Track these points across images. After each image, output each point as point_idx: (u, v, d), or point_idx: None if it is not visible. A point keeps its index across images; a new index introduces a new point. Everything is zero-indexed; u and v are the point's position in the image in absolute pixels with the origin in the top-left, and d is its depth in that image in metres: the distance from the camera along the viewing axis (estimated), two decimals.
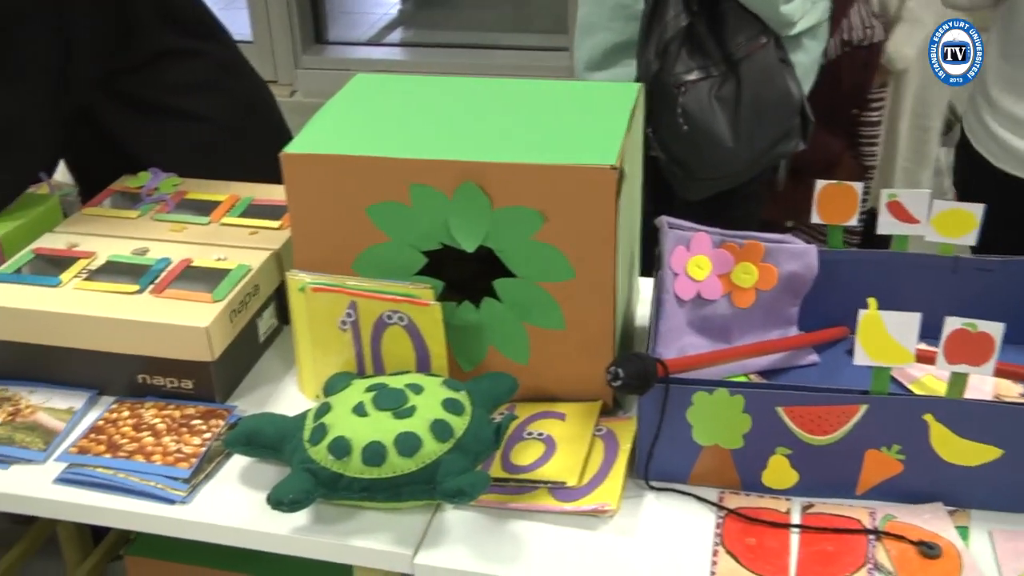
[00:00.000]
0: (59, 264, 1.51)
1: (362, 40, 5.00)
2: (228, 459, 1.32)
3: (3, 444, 1.35)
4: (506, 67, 4.30)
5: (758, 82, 1.97)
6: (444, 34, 4.93)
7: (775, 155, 2.07)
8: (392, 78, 1.56)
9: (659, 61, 1.98)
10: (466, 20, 5.12)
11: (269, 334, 1.52)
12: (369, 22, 5.25)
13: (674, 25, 1.97)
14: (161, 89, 1.78)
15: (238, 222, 1.60)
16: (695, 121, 1.96)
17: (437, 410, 1.21)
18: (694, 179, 2.07)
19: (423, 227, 1.30)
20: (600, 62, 2.12)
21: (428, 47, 4.85)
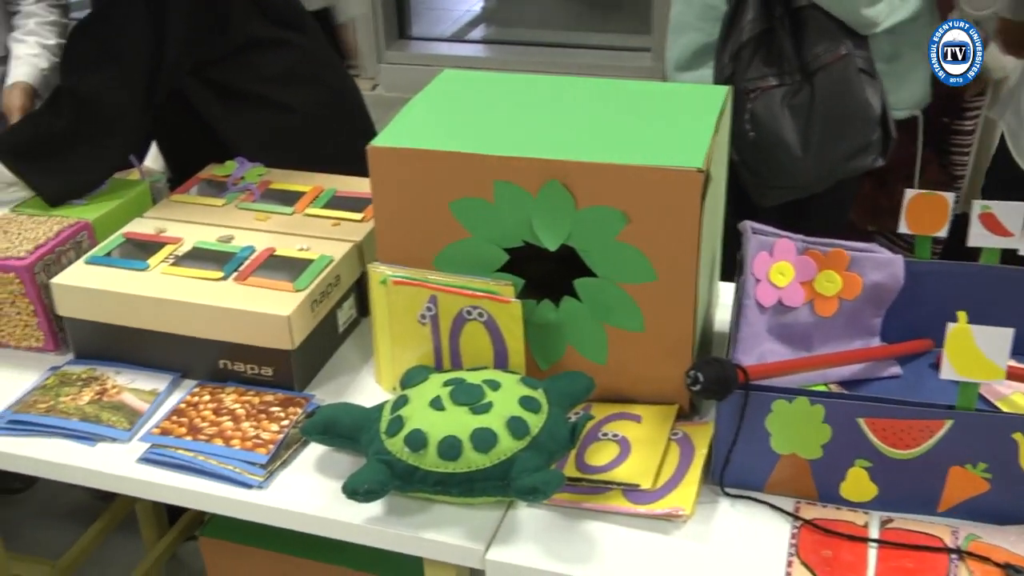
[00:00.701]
0: (147, 249, 1.54)
1: (445, 36, 5.03)
2: (305, 447, 1.33)
3: (90, 422, 1.38)
4: (587, 66, 4.29)
5: (833, 93, 1.92)
6: (526, 31, 4.93)
7: (850, 169, 2.02)
8: (478, 74, 1.56)
9: (732, 65, 1.96)
10: (548, 18, 5.11)
11: (348, 325, 1.54)
12: (452, 18, 5.27)
13: (750, 29, 1.94)
14: (251, 78, 1.81)
15: (321, 213, 1.62)
16: (763, 128, 1.93)
17: (514, 407, 1.21)
18: (765, 185, 2.04)
19: (506, 224, 1.30)
20: (688, 62, 2.10)
21: (509, 44, 4.86)
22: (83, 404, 1.41)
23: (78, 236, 1.58)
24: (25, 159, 1.66)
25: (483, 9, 5.44)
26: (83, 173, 1.69)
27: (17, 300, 1.50)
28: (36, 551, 2.15)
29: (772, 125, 1.92)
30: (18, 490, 2.42)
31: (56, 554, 2.09)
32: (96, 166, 1.70)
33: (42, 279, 1.49)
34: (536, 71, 1.66)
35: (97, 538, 2.07)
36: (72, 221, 1.59)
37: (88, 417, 1.39)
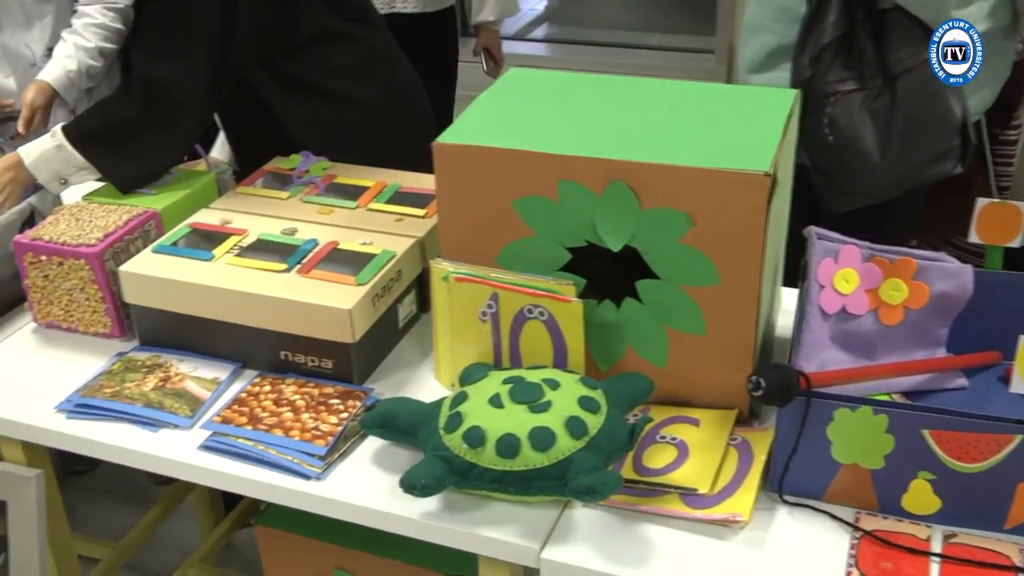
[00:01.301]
0: (213, 239, 1.56)
1: (507, 34, 5.03)
2: (363, 440, 1.34)
3: (154, 408, 1.40)
4: (650, 67, 4.27)
5: (915, 99, 1.89)
6: (589, 31, 4.92)
7: (927, 176, 1.98)
8: (544, 73, 1.56)
9: (812, 68, 1.93)
10: (612, 18, 5.10)
11: (408, 320, 1.55)
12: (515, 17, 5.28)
13: (832, 32, 1.91)
14: (318, 71, 1.83)
15: (384, 208, 1.63)
16: (841, 132, 1.90)
17: (573, 407, 1.21)
18: (837, 191, 2.01)
19: (569, 223, 1.30)
20: (761, 64, 2.08)
21: (572, 44, 4.85)
22: (147, 390, 1.44)
23: (146, 225, 1.60)
24: (95, 145, 1.69)
25: (546, 8, 5.43)
26: (151, 160, 1.72)
27: (87, 286, 1.53)
28: (95, 531, 2.18)
29: (850, 130, 1.90)
30: (81, 472, 2.47)
31: (114, 535, 2.13)
32: (164, 154, 1.73)
33: (111, 266, 1.52)
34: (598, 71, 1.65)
35: (155, 522, 2.10)
36: (141, 210, 1.62)
37: (152, 403, 1.41)
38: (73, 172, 1.71)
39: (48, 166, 1.70)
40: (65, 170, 1.70)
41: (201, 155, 1.81)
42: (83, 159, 1.68)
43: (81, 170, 1.71)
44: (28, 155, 1.71)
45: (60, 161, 1.69)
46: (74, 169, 1.70)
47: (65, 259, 1.52)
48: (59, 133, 1.69)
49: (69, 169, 1.70)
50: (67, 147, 1.68)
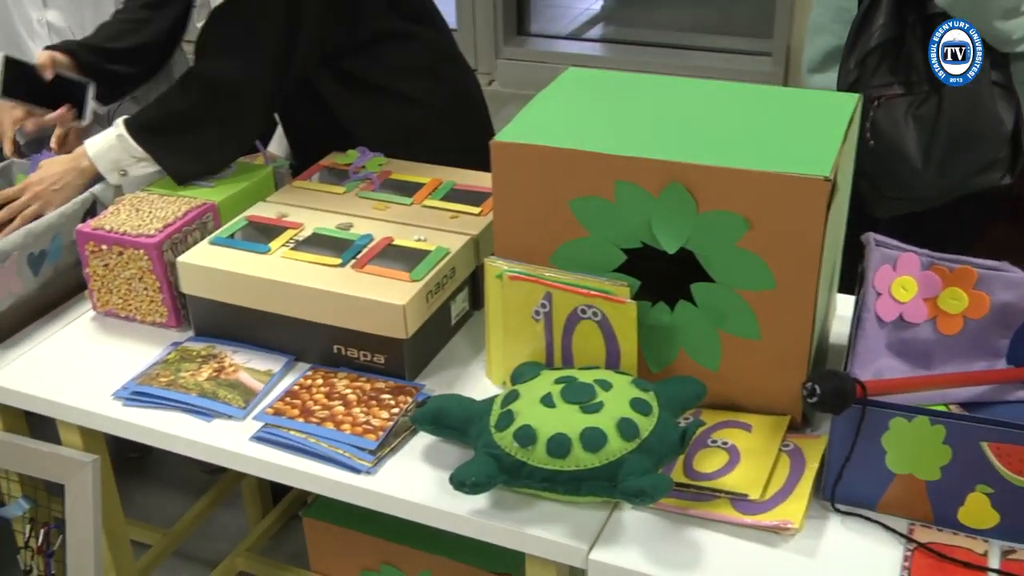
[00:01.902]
0: (269, 232, 1.57)
1: (563, 34, 5.03)
2: (413, 435, 1.35)
3: (208, 398, 1.42)
4: (705, 69, 4.25)
5: (962, 106, 1.85)
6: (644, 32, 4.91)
7: (973, 184, 1.94)
8: (603, 73, 1.55)
9: (858, 71, 1.90)
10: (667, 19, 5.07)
11: (460, 317, 1.55)
12: (571, 16, 5.28)
13: (880, 35, 1.88)
14: (379, 70, 1.83)
15: (439, 205, 1.63)
16: (884, 137, 1.87)
17: (625, 408, 1.20)
18: (881, 196, 1.98)
19: (625, 224, 1.29)
20: (820, 64, 2.06)
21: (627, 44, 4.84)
22: (201, 380, 1.45)
23: (204, 217, 1.62)
24: (155, 138, 1.71)
25: (602, 8, 5.43)
26: (210, 154, 1.74)
27: (145, 276, 1.55)
28: (145, 517, 2.22)
29: (894, 135, 1.87)
30: (134, 458, 2.51)
31: (164, 522, 2.16)
32: (223, 148, 1.75)
33: (169, 257, 1.54)
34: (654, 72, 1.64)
35: (205, 511, 2.12)
36: (199, 202, 1.64)
37: (206, 393, 1.43)
38: (132, 163, 1.73)
39: (108, 156, 1.72)
40: (124, 160, 1.72)
41: (259, 149, 1.82)
42: (142, 151, 1.71)
43: (140, 161, 1.73)
44: (92, 145, 1.74)
45: (120, 151, 1.72)
46: (133, 160, 1.73)
47: (125, 249, 1.54)
48: (120, 124, 1.72)
49: (128, 160, 1.72)
50: (127, 138, 1.70)
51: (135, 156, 1.72)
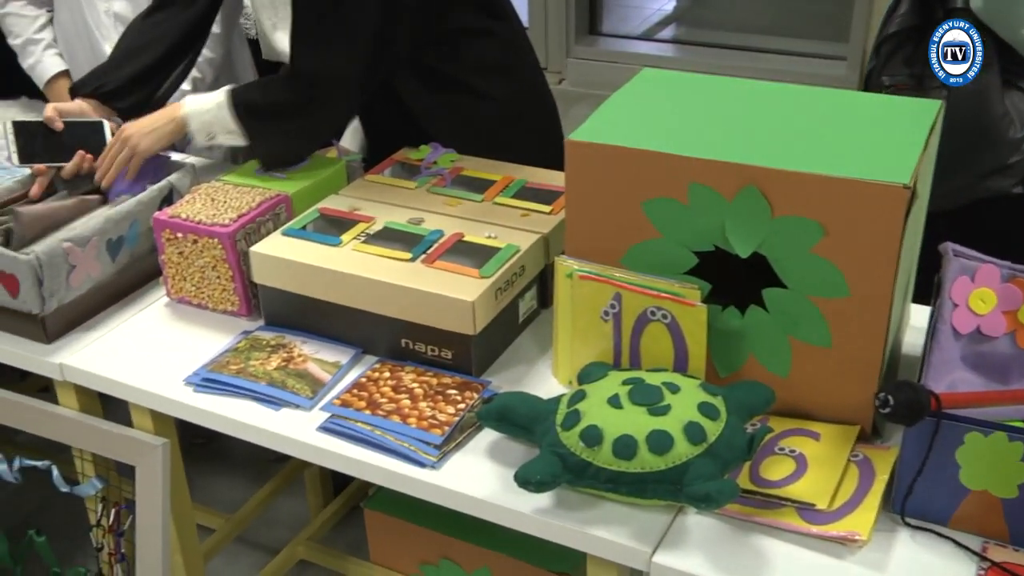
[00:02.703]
0: (340, 225, 1.59)
1: (634, 34, 5.01)
2: (478, 432, 1.35)
3: (276, 387, 1.44)
4: (778, 72, 4.20)
5: (970, 110, 1.78)
6: (716, 33, 4.87)
7: (982, 190, 1.87)
8: (678, 75, 1.54)
9: (875, 58, 1.86)
10: (741, 21, 5.03)
11: (528, 315, 1.55)
12: (642, 16, 5.25)
13: (899, 22, 1.83)
14: (458, 65, 1.84)
15: (510, 203, 1.63)
16: None
17: (692, 412, 1.19)
18: None
19: (698, 227, 1.28)
20: None
21: (699, 46, 4.80)
22: (271, 369, 1.47)
23: (277, 208, 1.64)
24: (250, 117, 1.73)
25: (675, 8, 5.40)
26: (297, 144, 1.76)
27: (218, 265, 1.57)
28: (208, 502, 2.25)
29: None
30: (200, 443, 2.54)
31: (227, 507, 2.19)
32: (310, 140, 1.77)
33: (242, 247, 1.56)
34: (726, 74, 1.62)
35: (267, 498, 2.15)
36: (273, 193, 1.66)
37: (275, 382, 1.45)
38: (222, 134, 1.75)
39: (203, 118, 1.75)
40: (216, 128, 1.75)
41: (332, 143, 1.84)
42: (236, 125, 1.73)
43: (230, 134, 1.75)
44: (191, 102, 1.76)
45: (216, 119, 1.74)
46: (224, 132, 1.75)
47: (200, 237, 1.57)
48: (225, 94, 1.73)
49: (220, 129, 1.75)
50: (226, 109, 1.72)
51: (227, 129, 1.74)
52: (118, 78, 1.92)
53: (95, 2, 2.15)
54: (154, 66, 1.95)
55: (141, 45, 1.95)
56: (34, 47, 2.22)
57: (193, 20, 1.99)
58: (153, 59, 1.94)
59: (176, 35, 1.96)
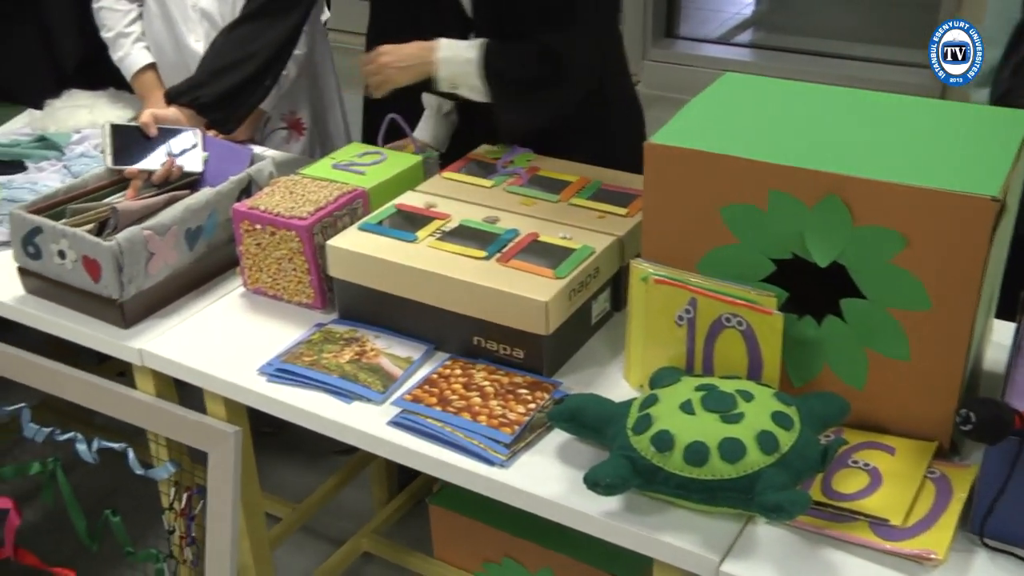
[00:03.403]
0: (416, 221, 1.60)
1: (711, 37, 4.97)
2: (548, 432, 1.35)
3: (348, 380, 1.45)
4: (858, 78, 4.14)
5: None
6: (795, 39, 4.81)
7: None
8: (760, 80, 1.53)
9: (1010, 80, 1.81)
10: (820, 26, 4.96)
11: (601, 317, 1.55)
12: (720, 20, 5.21)
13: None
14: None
15: (586, 204, 1.63)
16: None
17: (765, 421, 1.18)
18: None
19: (776, 234, 1.27)
20: (984, 78, 1.97)
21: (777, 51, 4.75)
22: (343, 362, 1.49)
23: (354, 203, 1.66)
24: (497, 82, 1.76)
25: (754, 12, 5.34)
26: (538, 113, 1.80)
27: (295, 257, 1.59)
28: (274, 491, 2.28)
29: None
30: (268, 432, 2.57)
31: (291, 496, 2.22)
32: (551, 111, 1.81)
33: (319, 240, 1.58)
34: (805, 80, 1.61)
35: (333, 490, 2.17)
36: (350, 188, 1.67)
37: (347, 375, 1.46)
38: (466, 88, 1.78)
39: (452, 68, 1.77)
40: (462, 81, 1.77)
41: (409, 137, 1.85)
42: (482, 84, 1.75)
43: (473, 90, 1.78)
44: (444, 47, 1.78)
45: (465, 72, 1.76)
46: (469, 87, 1.78)
47: (278, 229, 1.59)
48: (478, 52, 1.75)
49: (466, 82, 1.77)
50: (477, 65, 1.74)
51: (473, 85, 1.77)
52: (214, 91, 1.98)
53: None
54: (249, 80, 2.02)
55: (237, 60, 2.02)
56: (124, 40, 2.27)
57: (285, 35, 2.06)
58: (248, 74, 2.01)
59: (270, 51, 2.04)
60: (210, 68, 2.03)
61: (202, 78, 2.02)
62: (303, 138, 2.39)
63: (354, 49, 2.43)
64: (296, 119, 2.37)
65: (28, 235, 1.64)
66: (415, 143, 1.86)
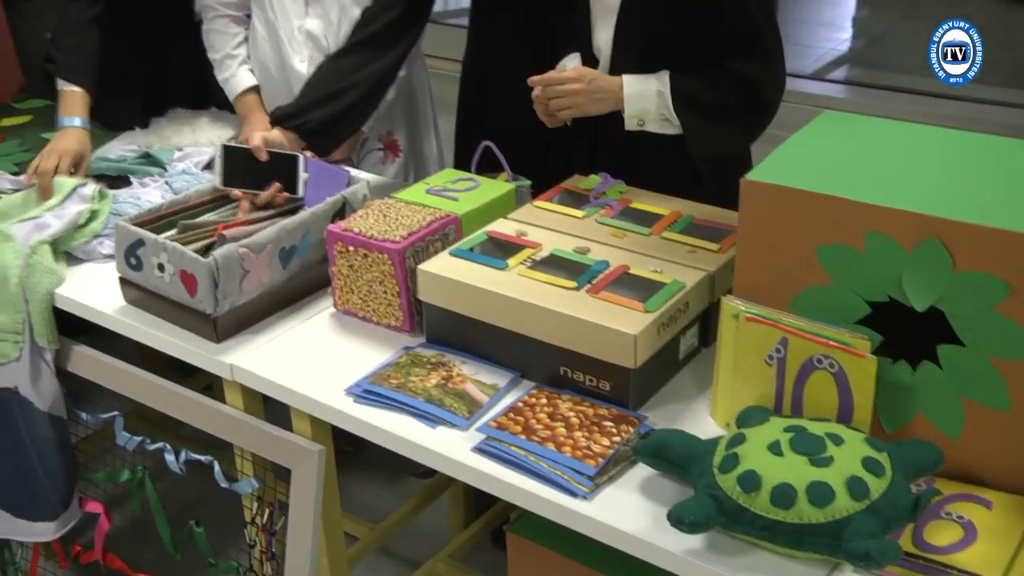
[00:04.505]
0: (507, 249, 1.61)
1: (806, 73, 4.91)
2: (632, 466, 1.34)
3: (434, 404, 1.46)
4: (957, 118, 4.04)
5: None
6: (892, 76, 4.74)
7: None
8: (859, 118, 1.51)
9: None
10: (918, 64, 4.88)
11: (688, 353, 1.54)
12: (815, 55, 5.15)
13: None
14: None
15: (678, 238, 1.62)
16: None
17: (856, 466, 1.16)
18: None
19: (873, 276, 1.25)
20: None
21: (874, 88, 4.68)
22: (430, 386, 1.50)
23: (446, 228, 1.67)
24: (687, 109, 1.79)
25: (850, 49, 5.28)
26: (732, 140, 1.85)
27: (386, 280, 1.61)
28: (352, 510, 2.30)
29: None
30: (349, 452, 2.61)
31: (369, 517, 2.23)
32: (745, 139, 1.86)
33: (410, 264, 1.60)
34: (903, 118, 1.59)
35: (410, 512, 2.18)
36: (443, 213, 1.69)
37: (433, 399, 1.47)
38: (655, 120, 1.81)
39: (640, 104, 1.80)
40: (651, 114, 1.81)
41: (503, 166, 1.87)
42: (674, 113, 1.78)
43: (663, 122, 1.81)
44: (630, 84, 1.81)
45: (653, 105, 1.80)
46: (657, 120, 1.81)
47: (370, 252, 1.61)
48: (665, 84, 1.78)
49: (653, 117, 1.81)
50: (667, 97, 1.78)
51: (663, 116, 1.80)
52: (319, 118, 2.05)
53: (290, 18, 2.24)
54: (353, 107, 2.09)
55: (343, 88, 2.08)
56: (230, 62, 2.33)
57: (390, 65, 2.13)
58: (353, 102, 2.09)
59: (375, 80, 2.11)
60: (316, 95, 2.09)
61: (308, 104, 2.08)
62: (398, 159, 2.42)
63: (447, 75, 2.47)
64: (392, 140, 2.40)
65: (131, 247, 1.69)
66: (508, 172, 1.87)
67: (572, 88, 1.80)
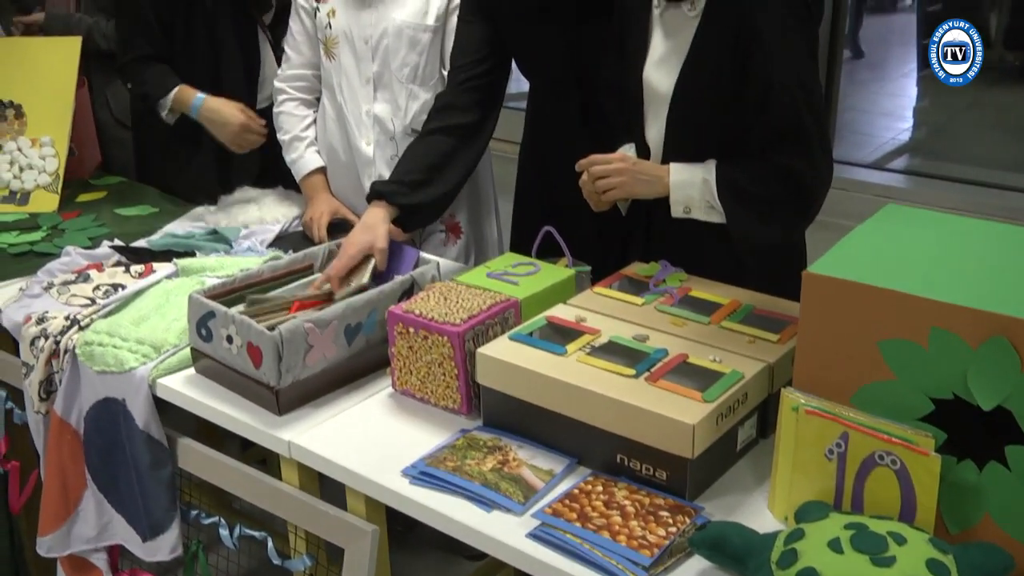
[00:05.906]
0: (566, 335, 1.61)
1: (866, 162, 4.91)
2: (688, 558, 1.33)
3: (490, 488, 1.46)
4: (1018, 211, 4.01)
5: None
6: (954, 167, 4.71)
7: None
8: (922, 212, 1.51)
9: None
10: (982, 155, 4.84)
11: (747, 444, 1.52)
12: (875, 144, 5.14)
13: None
14: None
15: (737, 328, 1.62)
16: None
17: (919, 567, 1.13)
18: None
19: (937, 373, 1.23)
20: None
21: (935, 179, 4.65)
22: (486, 470, 1.50)
23: (506, 312, 1.69)
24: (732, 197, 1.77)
25: (911, 138, 5.26)
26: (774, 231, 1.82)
27: (445, 362, 1.62)
28: None
29: None
30: (399, 531, 2.60)
31: None
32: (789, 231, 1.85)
33: (470, 347, 1.61)
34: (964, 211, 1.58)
35: None
36: (503, 297, 1.71)
37: (488, 483, 1.47)
38: (700, 207, 1.80)
39: (686, 191, 1.80)
40: (696, 202, 1.80)
41: (564, 251, 1.88)
42: (718, 201, 1.78)
43: (709, 209, 1.80)
44: (677, 172, 1.81)
45: (699, 193, 1.79)
46: (703, 208, 1.80)
47: (430, 334, 1.63)
48: (712, 173, 1.78)
49: (699, 204, 1.80)
50: (712, 184, 1.77)
51: (707, 203, 1.79)
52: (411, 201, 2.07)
53: (359, 102, 2.30)
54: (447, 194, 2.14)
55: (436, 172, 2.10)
56: (299, 143, 2.40)
57: (475, 155, 2.18)
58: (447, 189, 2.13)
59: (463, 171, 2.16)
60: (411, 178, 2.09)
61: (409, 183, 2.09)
62: (460, 241, 2.45)
63: (506, 157, 2.51)
64: (455, 223, 2.44)
65: (203, 318, 1.73)
66: (569, 258, 1.88)
67: (616, 167, 1.82)
